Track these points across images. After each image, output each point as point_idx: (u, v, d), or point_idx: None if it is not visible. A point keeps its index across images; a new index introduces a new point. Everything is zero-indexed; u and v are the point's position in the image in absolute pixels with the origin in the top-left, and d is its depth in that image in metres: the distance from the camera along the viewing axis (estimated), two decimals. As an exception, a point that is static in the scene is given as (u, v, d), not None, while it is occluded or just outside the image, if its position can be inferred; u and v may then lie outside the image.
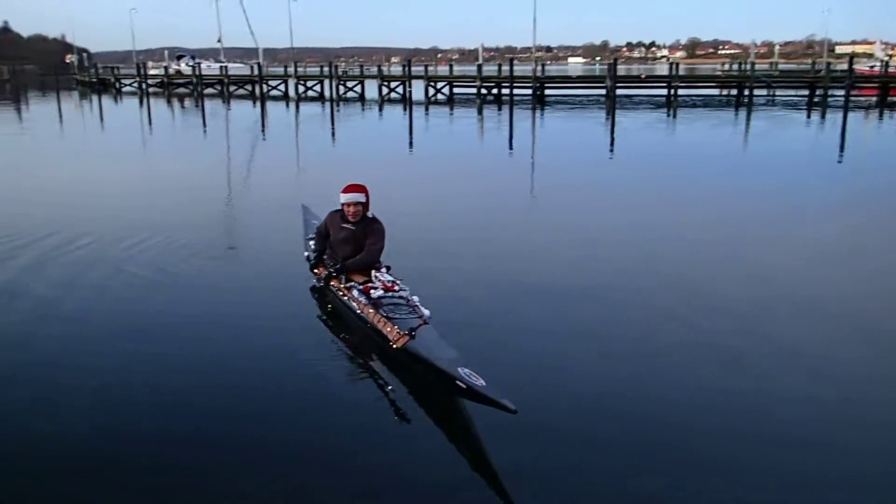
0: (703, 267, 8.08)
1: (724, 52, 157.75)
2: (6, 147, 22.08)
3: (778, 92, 40.27)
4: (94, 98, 48.27)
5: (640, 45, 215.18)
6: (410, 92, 41.79)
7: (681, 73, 40.44)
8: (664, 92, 37.95)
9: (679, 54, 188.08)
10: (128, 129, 28.79)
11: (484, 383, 4.13)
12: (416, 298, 5.75)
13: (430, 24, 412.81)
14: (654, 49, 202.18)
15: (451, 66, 50.91)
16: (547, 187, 13.80)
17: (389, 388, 4.89)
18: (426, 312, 5.48)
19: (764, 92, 39.63)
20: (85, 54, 71.69)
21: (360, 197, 6.43)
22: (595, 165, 17.13)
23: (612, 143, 21.76)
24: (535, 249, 8.77)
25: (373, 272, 6.13)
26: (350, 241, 6.40)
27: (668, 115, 31.48)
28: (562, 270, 7.82)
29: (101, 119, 34.23)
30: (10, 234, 9.16)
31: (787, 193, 12.75)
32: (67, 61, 75.28)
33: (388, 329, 5.14)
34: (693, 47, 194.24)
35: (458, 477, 3.97)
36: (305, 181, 14.90)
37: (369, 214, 6.50)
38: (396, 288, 5.83)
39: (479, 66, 41.26)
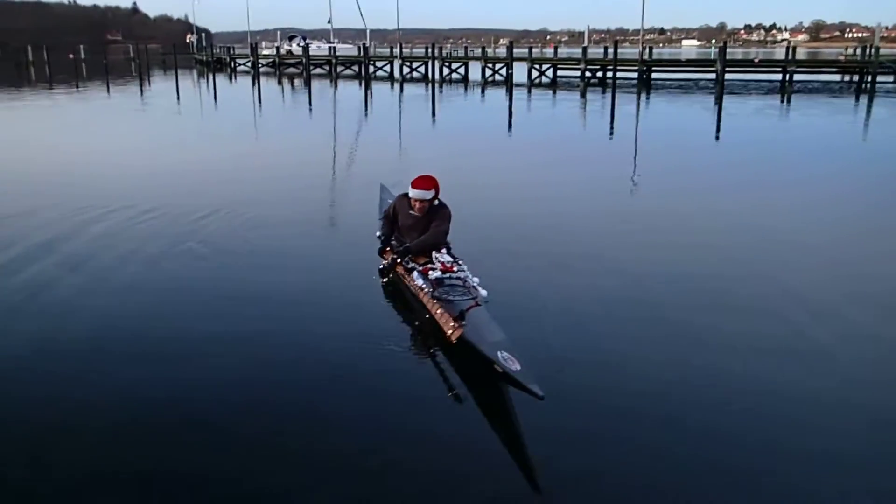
0: (797, 264, 7.73)
1: (850, 35, 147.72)
2: (124, 122, 23.51)
3: (908, 78, 37.49)
4: (211, 77, 50.61)
5: (759, 27, 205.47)
6: (511, 74, 41.54)
7: (799, 57, 38.23)
8: (779, 77, 36.06)
9: (801, 37, 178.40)
10: (238, 107, 30.09)
11: (518, 367, 4.20)
12: (475, 280, 5.78)
13: (539, 6, 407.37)
14: (774, 32, 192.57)
15: (556, 48, 50.25)
16: (643, 174, 13.48)
17: (443, 374, 4.98)
18: (483, 293, 5.54)
19: (890, 79, 36.99)
20: (204, 34, 75.16)
21: (428, 194, 6.43)
22: (697, 151, 16.62)
23: (717, 129, 20.98)
24: (619, 237, 8.64)
25: (433, 253, 6.17)
26: (417, 227, 6.46)
27: (782, 102, 29.98)
28: (649, 257, 7.68)
29: (215, 97, 35.81)
30: (99, 203, 9.79)
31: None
32: (187, 41, 79.28)
33: (444, 320, 5.18)
34: (817, 30, 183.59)
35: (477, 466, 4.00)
36: (396, 162, 15.15)
37: (436, 202, 6.51)
38: (455, 269, 5.86)
39: (584, 49, 40.50)
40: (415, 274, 5.95)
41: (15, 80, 45.71)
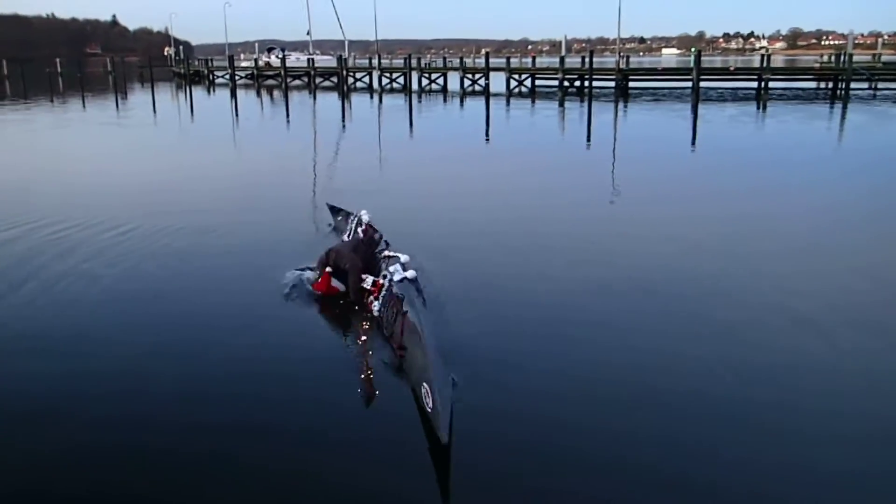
0: (770, 273, 7.65)
1: (827, 42, 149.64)
2: (97, 137, 23.22)
3: (880, 85, 37.85)
4: (189, 89, 50.29)
5: (737, 35, 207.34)
6: (488, 84, 41.63)
7: (778, 64, 38.58)
8: (755, 85, 36.32)
9: (779, 45, 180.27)
10: (212, 120, 29.88)
11: (430, 407, 4.34)
12: (402, 259, 6.46)
13: (520, 16, 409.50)
14: (752, 40, 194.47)
15: (533, 58, 50.33)
16: (616, 183, 13.43)
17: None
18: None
19: (865, 85, 37.34)
20: (181, 47, 74.72)
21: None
22: (672, 159, 16.61)
23: (693, 137, 21.02)
24: (589, 243, 8.55)
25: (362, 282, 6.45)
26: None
27: (758, 109, 30.15)
28: (621, 262, 7.61)
29: (191, 110, 35.53)
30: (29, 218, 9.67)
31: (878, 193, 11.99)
32: (165, 54, 78.84)
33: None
34: (794, 38, 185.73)
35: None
36: (373, 174, 15.03)
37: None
38: (382, 284, 6.16)
39: (562, 59, 40.60)
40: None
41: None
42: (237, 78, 54.99)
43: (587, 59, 40.49)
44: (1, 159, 17.14)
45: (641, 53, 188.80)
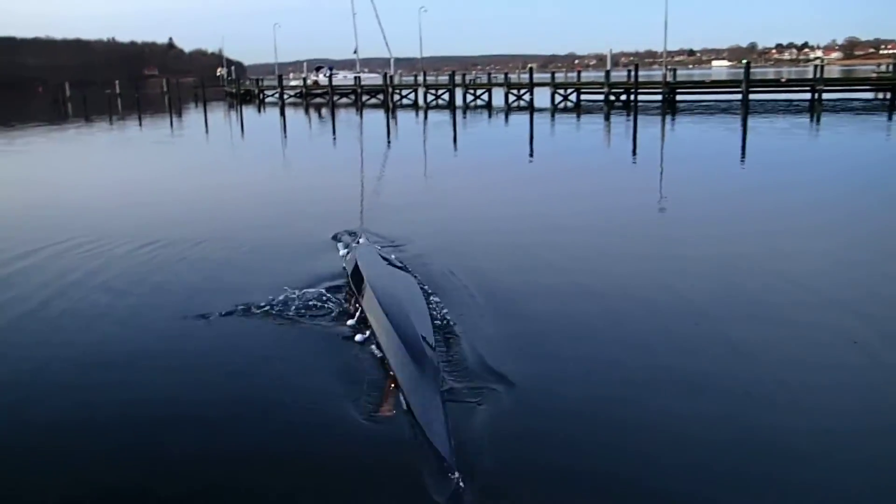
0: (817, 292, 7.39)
1: (886, 51, 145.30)
2: (151, 154, 23.89)
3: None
4: (240, 108, 51.54)
5: (791, 46, 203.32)
6: (532, 100, 41.61)
7: (834, 75, 37.63)
8: (808, 96, 35.46)
9: (834, 55, 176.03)
10: (261, 139, 30.51)
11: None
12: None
13: (567, 31, 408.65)
14: (806, 50, 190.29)
15: (578, 72, 50.16)
16: (660, 200, 13.09)
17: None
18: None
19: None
20: (233, 67, 76.65)
21: None
22: (720, 174, 16.24)
23: (742, 151, 20.59)
24: (633, 262, 8.40)
25: None
26: None
27: (811, 121, 29.40)
28: (646, 283, 7.43)
29: (242, 129, 36.32)
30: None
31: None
32: (218, 74, 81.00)
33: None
34: (851, 47, 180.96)
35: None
36: (418, 190, 15.11)
37: None
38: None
39: (607, 73, 40.38)
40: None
41: (52, 116, 46.95)
42: (286, 97, 56.14)
43: (633, 73, 40.19)
44: (59, 176, 17.70)
45: (691, 66, 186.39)
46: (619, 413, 4.76)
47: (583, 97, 42.90)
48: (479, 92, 47.23)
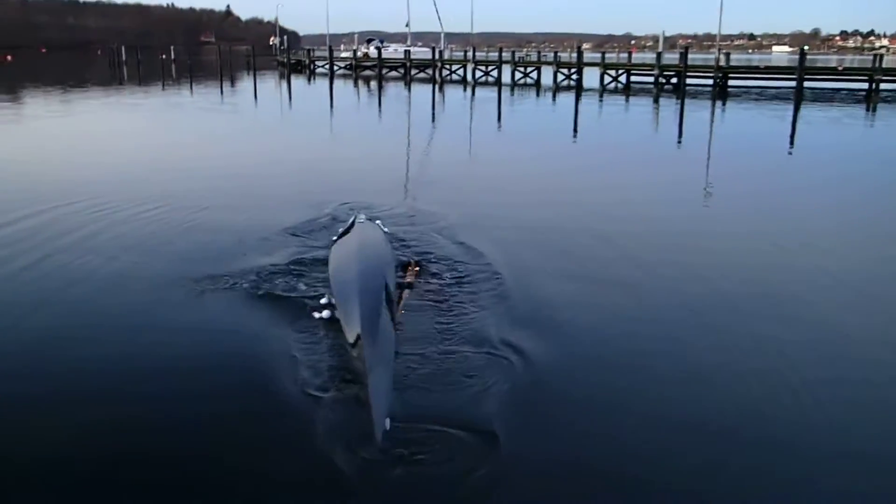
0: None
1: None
2: (199, 120, 24.41)
3: None
4: (291, 78, 52.03)
5: (856, 33, 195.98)
6: (580, 79, 41.12)
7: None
8: (865, 86, 34.35)
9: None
10: (309, 109, 30.88)
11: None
12: None
13: (625, 10, 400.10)
14: (871, 38, 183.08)
15: (630, 53, 49.29)
16: (705, 188, 12.83)
17: None
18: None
19: None
20: (285, 37, 77.04)
21: None
22: (765, 166, 15.92)
23: (791, 140, 20.12)
24: (668, 257, 8.37)
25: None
26: None
27: (867, 111, 28.52)
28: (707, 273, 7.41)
29: (290, 98, 36.75)
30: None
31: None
32: (270, 44, 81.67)
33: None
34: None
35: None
36: (457, 167, 15.19)
37: None
38: None
39: (659, 54, 39.62)
40: None
41: (107, 79, 48.10)
42: (336, 68, 56.41)
43: (689, 55, 39.37)
44: (92, 141, 18.18)
45: (751, 51, 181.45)
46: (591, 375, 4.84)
47: (633, 79, 42.25)
48: (528, 70, 46.82)
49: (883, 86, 34.38)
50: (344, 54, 63.63)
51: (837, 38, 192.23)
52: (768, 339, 5.63)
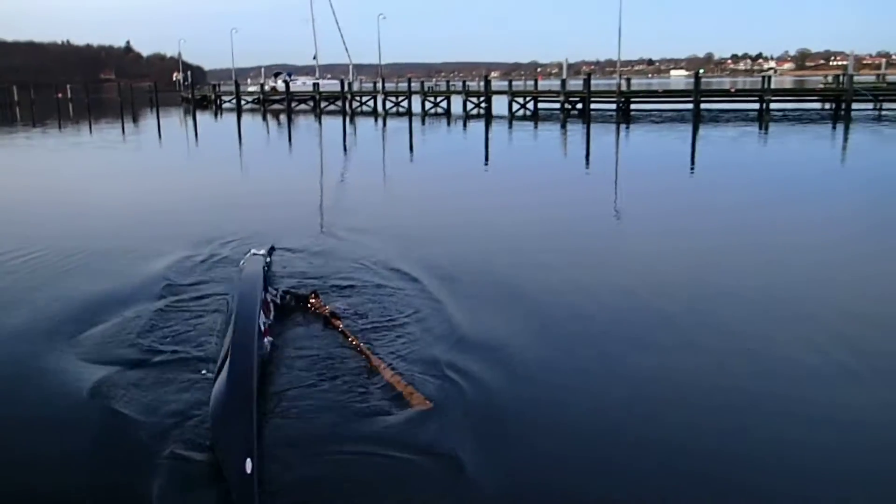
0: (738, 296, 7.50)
1: (835, 63, 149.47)
2: (95, 159, 23.40)
3: (886, 105, 37.71)
4: (197, 114, 50.76)
5: (745, 56, 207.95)
6: (489, 108, 41.96)
7: (787, 85, 38.70)
8: (756, 106, 36.33)
9: (787, 66, 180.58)
10: (216, 144, 30.18)
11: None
12: None
13: (531, 39, 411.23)
14: (760, 61, 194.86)
15: (536, 81, 50.59)
16: (614, 204, 13.20)
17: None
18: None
19: (870, 106, 37.23)
20: (189, 72, 75.38)
21: None
22: (667, 182, 16.47)
23: (692, 159, 20.95)
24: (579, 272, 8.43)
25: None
26: None
27: (760, 129, 30.10)
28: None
29: (196, 135, 35.79)
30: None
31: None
32: (174, 79, 79.81)
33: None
34: (802, 59, 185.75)
35: None
36: (372, 198, 15.03)
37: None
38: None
39: (563, 81, 40.83)
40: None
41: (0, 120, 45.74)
42: (244, 102, 55.54)
43: (591, 82, 40.69)
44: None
45: (650, 75, 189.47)
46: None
47: (540, 105, 43.26)
48: (438, 99, 47.32)
49: (773, 105, 36.39)
50: (251, 88, 62.70)
51: (729, 61, 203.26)
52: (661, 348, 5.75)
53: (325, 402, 4.80)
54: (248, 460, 3.45)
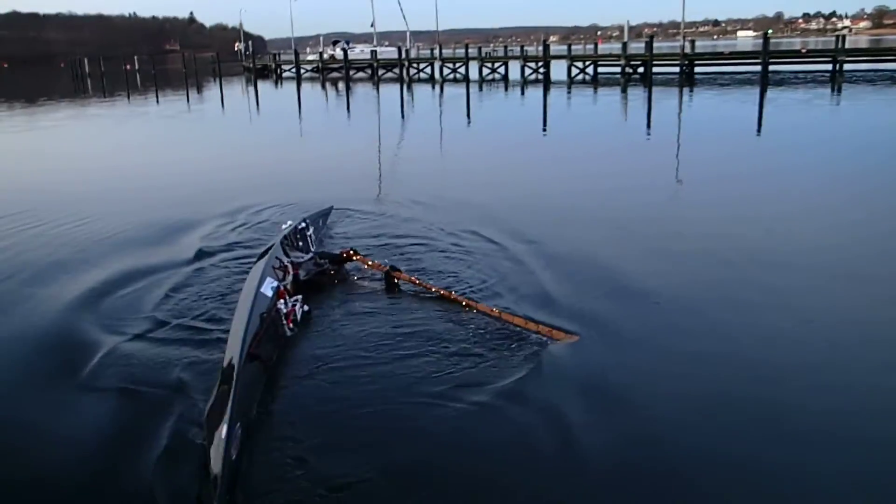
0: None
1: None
2: (164, 129, 24.05)
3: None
4: (258, 83, 51.54)
5: (818, 15, 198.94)
6: (547, 73, 41.24)
7: (863, 45, 36.99)
8: (829, 67, 34.80)
9: (863, 24, 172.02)
10: (278, 113, 30.64)
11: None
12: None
13: (590, 2, 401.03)
14: (834, 20, 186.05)
15: (596, 45, 49.46)
16: (669, 179, 12.93)
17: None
18: None
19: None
20: (250, 42, 76.51)
21: None
22: (732, 148, 16.01)
23: (759, 124, 20.27)
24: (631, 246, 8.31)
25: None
26: None
27: (832, 92, 28.87)
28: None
29: (257, 104, 36.35)
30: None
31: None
32: (236, 49, 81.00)
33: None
34: (880, 16, 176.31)
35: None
36: (427, 167, 15.07)
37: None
38: None
39: (624, 44, 39.85)
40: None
41: (70, 92, 47.28)
42: (303, 71, 56.06)
43: (653, 45, 39.62)
44: (43, 155, 17.87)
45: (716, 37, 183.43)
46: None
47: (600, 70, 42.40)
48: (495, 65, 46.82)
49: (846, 66, 34.82)
50: (310, 57, 63.26)
51: (800, 20, 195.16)
52: (754, 327, 5.53)
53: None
54: (225, 427, 3.41)
